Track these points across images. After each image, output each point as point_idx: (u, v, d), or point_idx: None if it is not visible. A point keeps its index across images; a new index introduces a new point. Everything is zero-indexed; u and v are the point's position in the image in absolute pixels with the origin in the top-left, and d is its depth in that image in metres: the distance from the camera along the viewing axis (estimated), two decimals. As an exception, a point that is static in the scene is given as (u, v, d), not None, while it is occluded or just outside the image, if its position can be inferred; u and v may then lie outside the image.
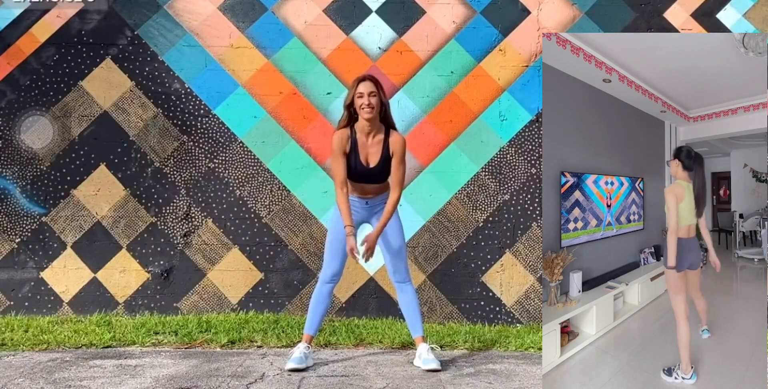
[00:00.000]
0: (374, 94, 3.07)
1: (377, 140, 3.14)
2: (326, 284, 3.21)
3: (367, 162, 3.13)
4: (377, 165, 3.13)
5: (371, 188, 3.20)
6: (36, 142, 4.35)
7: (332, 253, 3.19)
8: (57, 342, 3.52)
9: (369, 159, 3.13)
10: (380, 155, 3.13)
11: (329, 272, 3.20)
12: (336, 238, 3.18)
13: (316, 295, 3.21)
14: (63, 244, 4.29)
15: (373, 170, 3.13)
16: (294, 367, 3.01)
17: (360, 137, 3.14)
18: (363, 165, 3.12)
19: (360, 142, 3.13)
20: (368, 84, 3.08)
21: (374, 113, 3.08)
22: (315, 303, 3.21)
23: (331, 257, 3.19)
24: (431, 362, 3.05)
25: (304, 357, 3.07)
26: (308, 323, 3.21)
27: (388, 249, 3.21)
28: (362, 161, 3.12)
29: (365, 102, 3.05)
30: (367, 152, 3.13)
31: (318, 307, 3.20)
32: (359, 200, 3.21)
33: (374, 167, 3.13)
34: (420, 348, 3.14)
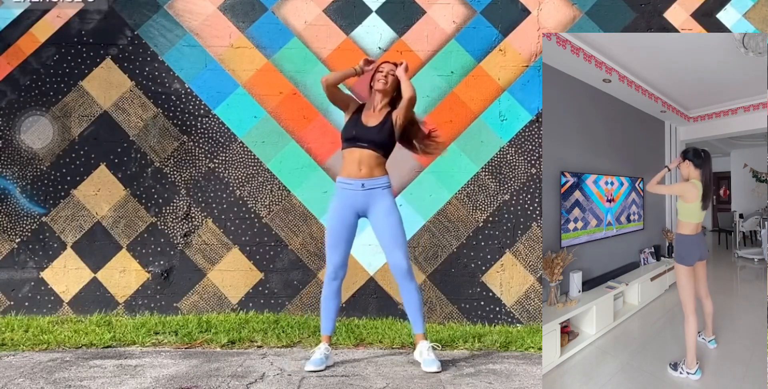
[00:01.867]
0: (393, 74, 3.25)
1: (382, 112, 3.26)
2: (332, 282, 3.19)
3: (366, 123, 3.21)
4: (375, 126, 3.19)
5: (366, 159, 3.15)
6: (36, 142, 4.35)
7: (332, 246, 3.18)
8: (57, 342, 3.52)
9: (368, 121, 3.22)
10: (380, 120, 3.22)
11: (331, 267, 3.18)
12: (334, 229, 3.17)
13: (325, 295, 3.20)
14: (63, 244, 4.30)
15: (371, 129, 3.18)
16: (313, 369, 3.01)
17: (368, 105, 3.29)
18: (362, 124, 3.20)
19: (366, 108, 3.28)
20: (391, 66, 3.28)
21: (386, 87, 3.23)
22: (325, 302, 3.21)
23: (331, 251, 3.18)
24: (432, 364, 3.03)
25: (325, 358, 3.09)
26: (323, 324, 3.21)
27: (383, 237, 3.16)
28: (362, 121, 3.22)
29: (384, 75, 3.24)
30: (370, 116, 3.24)
31: (329, 306, 3.20)
32: (354, 182, 3.16)
33: (372, 127, 3.19)
34: (420, 346, 3.13)
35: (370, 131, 3.17)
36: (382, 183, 3.18)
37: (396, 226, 3.15)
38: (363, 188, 3.16)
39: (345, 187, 3.18)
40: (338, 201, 3.20)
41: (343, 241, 3.17)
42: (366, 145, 3.16)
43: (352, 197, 3.16)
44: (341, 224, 3.16)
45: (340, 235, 3.16)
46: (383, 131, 3.18)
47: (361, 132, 3.17)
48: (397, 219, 3.16)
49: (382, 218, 3.15)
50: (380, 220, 3.15)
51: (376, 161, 3.18)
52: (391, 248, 3.15)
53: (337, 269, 3.19)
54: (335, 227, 3.17)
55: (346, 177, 3.18)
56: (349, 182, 3.17)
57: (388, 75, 3.24)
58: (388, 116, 3.23)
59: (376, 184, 3.17)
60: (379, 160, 3.19)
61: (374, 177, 3.17)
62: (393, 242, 3.14)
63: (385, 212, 3.15)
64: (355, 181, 3.16)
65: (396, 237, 3.14)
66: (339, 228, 3.15)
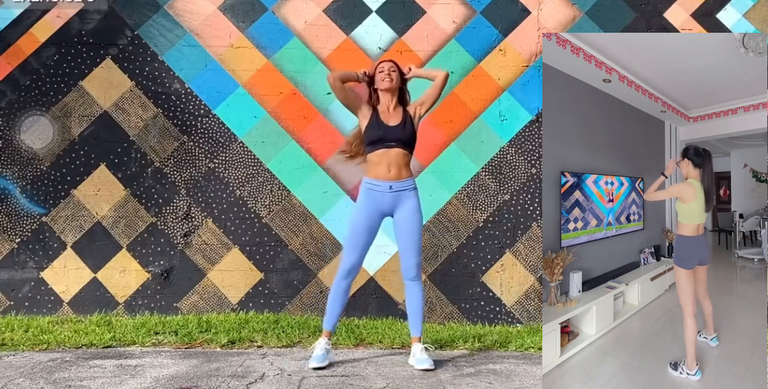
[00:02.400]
0: (394, 70, 3.28)
1: (397, 110, 3.28)
2: (343, 280, 3.20)
3: (388, 123, 3.22)
4: (398, 124, 3.21)
5: (395, 159, 3.16)
6: (36, 142, 4.35)
7: (351, 247, 3.18)
8: (57, 342, 3.52)
9: (389, 121, 3.23)
10: (401, 118, 3.24)
11: (346, 266, 3.18)
12: (357, 230, 3.17)
13: (334, 291, 3.21)
14: (63, 244, 4.30)
15: (395, 128, 3.19)
16: (317, 366, 3.03)
17: (381, 108, 3.28)
18: (385, 124, 3.20)
19: (381, 111, 3.27)
20: (390, 64, 3.31)
21: (392, 84, 3.25)
22: (332, 299, 3.21)
23: (350, 251, 3.18)
24: (424, 362, 3.05)
25: (326, 353, 3.11)
26: (326, 319, 3.22)
27: (404, 238, 3.18)
28: (384, 121, 3.22)
29: (386, 74, 3.26)
30: (388, 116, 3.25)
31: (336, 303, 3.20)
32: (382, 183, 3.16)
33: (396, 126, 3.20)
34: (414, 348, 3.16)
35: (395, 130, 3.19)
36: (410, 185, 3.21)
37: (417, 229, 3.18)
38: (391, 190, 3.17)
39: (373, 188, 3.18)
40: (365, 202, 3.19)
41: (364, 242, 3.17)
42: (394, 144, 3.18)
43: (379, 199, 3.17)
44: (365, 225, 3.16)
45: (362, 236, 3.16)
46: (407, 128, 3.21)
47: (387, 132, 3.18)
48: (419, 222, 3.19)
49: (406, 219, 3.17)
50: (404, 221, 3.18)
51: (404, 160, 3.21)
52: (407, 249, 3.18)
53: (352, 268, 3.19)
54: (359, 228, 3.16)
55: (374, 178, 3.18)
56: (377, 183, 3.17)
57: (390, 73, 3.25)
58: (405, 113, 3.26)
59: (404, 186, 3.19)
60: (407, 158, 3.22)
61: (402, 179, 3.19)
62: (411, 244, 3.17)
63: (410, 214, 3.17)
64: (383, 183, 3.17)
65: (414, 240, 3.18)
66: (362, 229, 3.16)
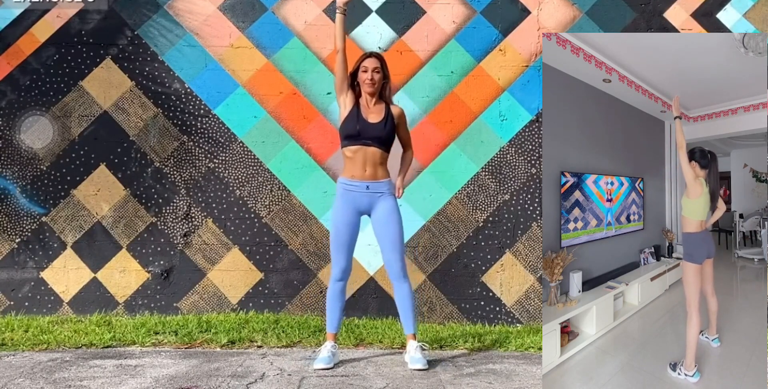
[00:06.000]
0: (378, 71, 3.20)
1: (378, 108, 3.24)
2: (337, 283, 3.21)
3: (368, 119, 3.18)
4: (379, 122, 3.17)
5: (372, 157, 3.14)
6: (36, 142, 4.35)
7: (336, 249, 3.18)
8: (57, 342, 3.52)
9: (369, 117, 3.19)
10: (382, 115, 3.20)
11: (338, 270, 3.19)
12: (339, 232, 3.16)
13: (330, 294, 3.22)
14: (63, 244, 4.29)
15: (376, 125, 3.15)
16: (323, 367, 3.04)
17: (362, 102, 3.24)
18: (365, 120, 3.16)
19: (362, 105, 3.22)
20: (374, 60, 3.22)
21: (375, 88, 3.20)
22: (330, 302, 3.22)
23: (336, 253, 3.18)
24: (417, 362, 3.05)
25: (332, 356, 3.12)
26: (329, 322, 3.23)
27: (383, 238, 3.17)
28: (364, 116, 3.17)
29: (368, 77, 3.18)
30: (368, 112, 3.21)
31: (334, 305, 3.21)
32: (359, 183, 3.15)
33: (377, 123, 3.16)
34: (409, 345, 3.16)
35: (376, 127, 3.15)
36: (386, 189, 3.19)
37: (397, 228, 3.16)
38: (368, 190, 3.16)
39: (349, 189, 3.16)
40: (341, 203, 3.18)
41: (348, 242, 3.17)
42: (371, 142, 3.14)
43: (357, 199, 3.16)
44: (345, 226, 3.16)
45: (345, 236, 3.16)
46: (387, 127, 3.17)
47: (366, 128, 3.14)
48: (398, 220, 3.17)
49: (384, 218, 3.16)
50: (382, 220, 3.16)
51: (381, 159, 3.18)
52: (389, 248, 3.17)
53: (343, 270, 3.20)
54: (341, 229, 3.16)
55: (349, 178, 3.16)
56: (354, 183, 3.16)
57: (373, 75, 3.18)
58: (387, 110, 3.22)
59: (381, 189, 3.18)
60: (383, 157, 3.19)
61: (378, 180, 3.17)
62: (392, 243, 3.16)
63: (387, 213, 3.16)
64: (360, 183, 3.15)
65: (395, 239, 3.16)
66: (344, 229, 3.15)
